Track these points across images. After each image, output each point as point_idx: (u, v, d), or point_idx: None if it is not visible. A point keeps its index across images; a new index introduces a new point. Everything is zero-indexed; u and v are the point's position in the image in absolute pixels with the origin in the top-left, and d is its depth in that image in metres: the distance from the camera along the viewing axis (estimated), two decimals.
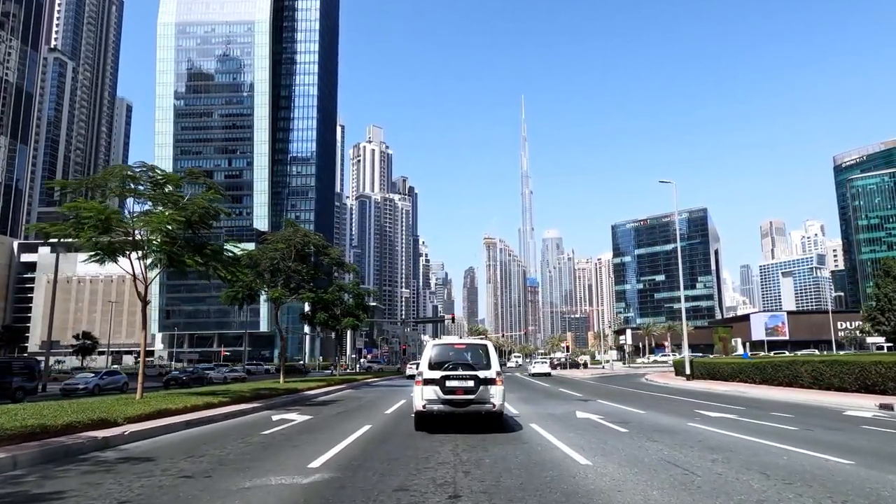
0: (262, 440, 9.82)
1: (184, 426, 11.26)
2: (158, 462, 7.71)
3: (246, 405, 15.21)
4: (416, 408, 10.65)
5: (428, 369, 10.61)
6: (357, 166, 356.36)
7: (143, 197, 14.58)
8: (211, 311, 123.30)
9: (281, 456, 8.19)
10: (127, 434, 9.42)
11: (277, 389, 20.37)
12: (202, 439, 9.93)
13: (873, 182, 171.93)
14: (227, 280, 16.21)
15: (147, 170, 14.02)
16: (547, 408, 16.70)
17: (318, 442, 9.56)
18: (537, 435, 10.45)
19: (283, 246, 25.74)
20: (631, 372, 58.77)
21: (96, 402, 13.65)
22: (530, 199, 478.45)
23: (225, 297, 25.49)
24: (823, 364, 21.92)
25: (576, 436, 10.33)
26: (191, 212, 13.85)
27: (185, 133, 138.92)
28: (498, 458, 7.88)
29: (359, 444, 9.42)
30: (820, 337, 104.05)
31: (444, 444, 9.24)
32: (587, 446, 9.03)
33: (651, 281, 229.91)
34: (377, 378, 41.86)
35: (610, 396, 21.95)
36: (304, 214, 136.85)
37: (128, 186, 14.77)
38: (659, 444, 9.35)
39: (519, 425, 11.93)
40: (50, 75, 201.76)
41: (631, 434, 10.57)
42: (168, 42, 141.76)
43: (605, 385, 32.05)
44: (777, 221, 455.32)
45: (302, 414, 14.59)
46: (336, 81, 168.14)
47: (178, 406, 12.55)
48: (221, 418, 12.96)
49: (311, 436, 10.42)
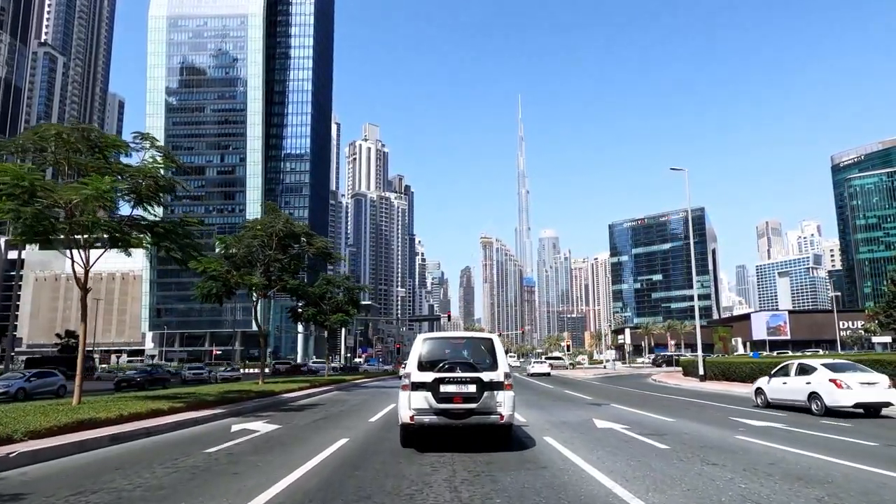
0: (198, 463, 7.48)
1: (108, 441, 8.92)
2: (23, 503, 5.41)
3: (205, 412, 12.87)
4: (402, 419, 8.26)
5: (417, 370, 8.23)
6: (353, 164, 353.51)
7: (83, 167, 12.22)
8: (203, 310, 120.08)
9: (209, 491, 5.89)
10: (13, 456, 7.08)
11: (250, 392, 17.99)
12: (117, 462, 7.59)
13: (871, 182, 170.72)
14: (183, 263, 13.86)
15: (82, 131, 11.67)
16: (558, 414, 14.42)
17: (270, 466, 7.24)
18: (557, 454, 8.17)
19: (262, 233, 23.38)
20: (633, 372, 56.67)
21: (6, 409, 11.12)
22: (527, 199, 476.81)
23: (197, 292, 22.97)
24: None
25: (606, 455, 8.04)
26: (136, 181, 11.50)
27: (177, 128, 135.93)
28: (513, 496, 5.60)
29: (325, 468, 7.11)
30: (821, 336, 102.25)
31: (438, 469, 6.95)
32: (629, 473, 6.75)
33: (648, 280, 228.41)
34: (368, 378, 39.52)
35: (623, 399, 19.71)
36: (298, 212, 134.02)
37: (71, 155, 12.44)
38: (720, 468, 7.09)
39: (531, 439, 9.64)
40: (40, 70, 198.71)
41: (676, 452, 8.29)
42: (159, 36, 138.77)
43: (612, 386, 29.84)
44: (773, 222, 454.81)
45: (270, 423, 12.25)
46: (331, 77, 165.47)
47: (110, 415, 10.20)
48: (166, 429, 10.61)
49: (265, 456, 8.08)
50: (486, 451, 8.18)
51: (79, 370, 12.69)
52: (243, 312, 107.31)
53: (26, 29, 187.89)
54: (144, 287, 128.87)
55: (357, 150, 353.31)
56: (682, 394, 23.06)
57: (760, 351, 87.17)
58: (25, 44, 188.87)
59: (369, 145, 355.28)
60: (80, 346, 12.79)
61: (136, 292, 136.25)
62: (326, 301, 33.62)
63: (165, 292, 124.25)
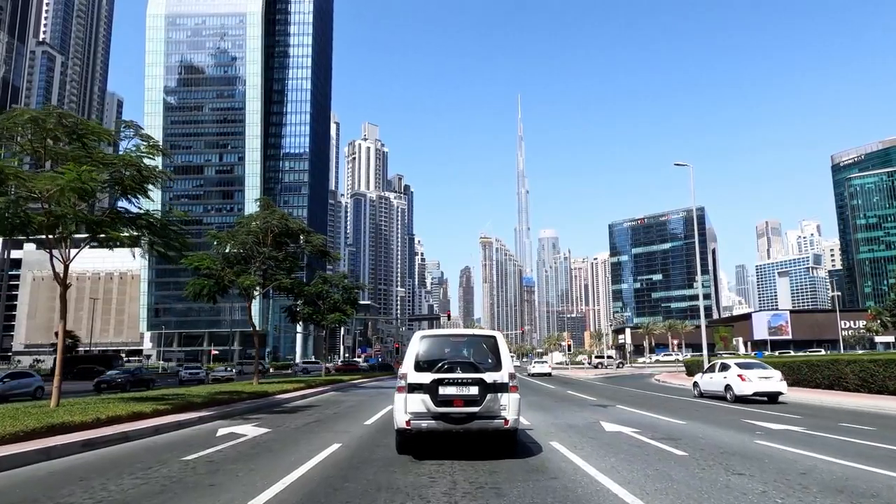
0: (173, 473, 6.80)
1: (79, 448, 8.24)
2: None
3: (190, 414, 12.18)
4: (397, 424, 7.58)
5: (414, 370, 7.54)
6: (352, 164, 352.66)
7: (61, 156, 11.53)
8: (202, 310, 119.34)
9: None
10: None
11: (241, 393, 17.29)
12: (84, 471, 6.90)
13: (871, 181, 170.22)
14: (167, 257, 13.17)
15: (59, 116, 10.97)
16: (563, 416, 13.76)
17: (251, 476, 6.56)
18: (567, 462, 7.49)
19: (256, 229, 22.64)
20: (635, 372, 56.02)
21: None
22: (526, 199, 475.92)
23: (189, 291, 22.25)
24: (875, 364, 19.07)
25: (620, 463, 7.37)
26: (117, 170, 10.81)
27: (175, 127, 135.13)
28: None
29: (312, 479, 6.43)
30: (823, 336, 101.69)
31: (436, 480, 6.28)
32: (648, 485, 6.08)
33: (648, 280, 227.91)
34: (366, 378, 38.84)
35: (629, 401, 19.04)
36: (297, 211, 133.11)
37: (47, 144, 11.76)
38: (749, 479, 6.41)
39: (536, 444, 8.97)
40: (38, 69, 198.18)
41: (696, 460, 7.62)
42: (157, 34, 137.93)
43: (616, 387, 29.18)
44: (773, 221, 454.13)
45: (259, 426, 11.58)
46: (330, 76, 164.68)
47: (85, 419, 9.52)
48: (146, 434, 9.92)
49: (248, 464, 7.40)
50: (489, 458, 7.51)
51: (57, 370, 11.98)
52: (242, 312, 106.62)
53: (24, 27, 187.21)
54: (143, 287, 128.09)
55: (356, 150, 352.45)
56: (687, 394, 22.38)
57: (763, 351, 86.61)
58: (23, 42, 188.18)
59: (369, 145, 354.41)
60: (58, 345, 12.11)
61: (134, 292, 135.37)
62: (323, 300, 32.94)
63: (164, 292, 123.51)
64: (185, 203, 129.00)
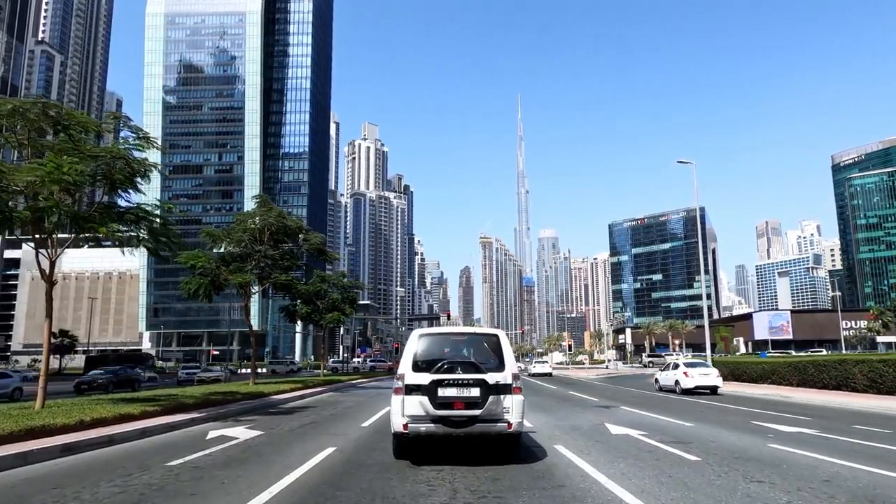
0: (154, 480, 6.37)
1: (59, 452, 7.82)
2: None
3: (181, 416, 11.76)
4: (394, 427, 7.17)
5: (412, 371, 7.13)
6: (352, 164, 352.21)
7: (47, 148, 11.11)
8: (201, 310, 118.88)
9: None
10: None
11: (236, 394, 16.86)
12: (59, 478, 6.48)
13: (872, 181, 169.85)
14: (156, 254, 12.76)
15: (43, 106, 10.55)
16: (566, 418, 13.34)
17: (237, 485, 6.14)
18: (573, 468, 7.07)
19: (253, 226, 22.23)
20: (637, 372, 55.64)
21: None
22: (526, 199, 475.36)
23: (184, 288, 21.84)
24: (885, 364, 18.66)
25: (630, 469, 6.95)
26: (103, 163, 10.39)
27: (174, 127, 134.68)
28: None
29: (302, 488, 6.01)
30: (824, 336, 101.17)
31: (435, 488, 5.86)
32: (663, 495, 5.66)
33: (648, 280, 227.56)
34: (365, 378, 38.38)
35: (633, 402, 18.62)
36: (297, 211, 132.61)
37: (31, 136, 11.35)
38: (769, 487, 6.00)
39: (540, 448, 8.55)
40: (37, 68, 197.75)
41: (710, 466, 7.20)
42: (157, 33, 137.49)
43: (618, 387, 28.77)
44: (773, 221, 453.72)
45: (252, 428, 11.15)
46: (330, 76, 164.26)
47: (68, 421, 9.10)
48: (132, 437, 9.50)
49: (236, 470, 6.97)
50: (491, 463, 7.08)
51: (43, 371, 11.57)
52: (241, 312, 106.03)
53: (23, 27, 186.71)
54: (142, 286, 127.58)
55: (356, 150, 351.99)
56: (691, 395, 21.97)
57: (765, 351, 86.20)
58: (23, 42, 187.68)
59: (368, 144, 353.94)
60: (44, 345, 11.70)
61: (133, 291, 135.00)
62: (322, 299, 32.50)
63: (163, 291, 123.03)
64: (185, 202, 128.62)
